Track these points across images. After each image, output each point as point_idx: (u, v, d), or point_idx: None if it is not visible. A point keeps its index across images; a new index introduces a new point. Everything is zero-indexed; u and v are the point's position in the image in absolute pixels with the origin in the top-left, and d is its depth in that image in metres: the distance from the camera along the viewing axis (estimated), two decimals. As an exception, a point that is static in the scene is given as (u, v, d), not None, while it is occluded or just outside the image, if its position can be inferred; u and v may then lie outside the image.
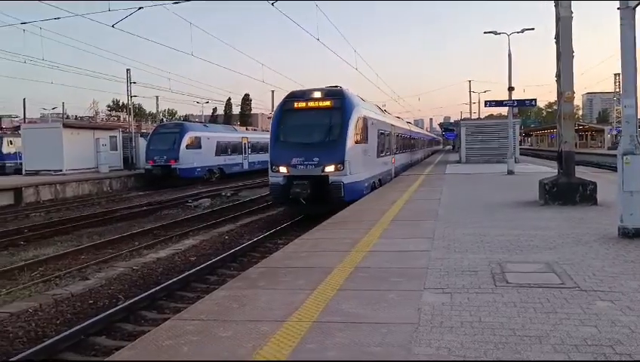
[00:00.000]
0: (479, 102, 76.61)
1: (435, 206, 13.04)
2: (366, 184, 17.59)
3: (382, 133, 21.47)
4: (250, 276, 6.75)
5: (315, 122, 16.80)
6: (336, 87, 17.71)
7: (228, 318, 5.05)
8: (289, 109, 17.12)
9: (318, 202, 15.63)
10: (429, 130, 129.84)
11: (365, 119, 17.68)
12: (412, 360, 3.87)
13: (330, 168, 15.73)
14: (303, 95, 17.22)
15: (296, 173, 15.86)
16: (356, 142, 16.61)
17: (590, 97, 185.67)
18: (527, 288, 5.69)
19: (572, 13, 12.90)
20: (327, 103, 16.80)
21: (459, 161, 35.91)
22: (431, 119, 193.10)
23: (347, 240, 8.69)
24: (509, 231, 9.25)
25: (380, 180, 20.42)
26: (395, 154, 25.91)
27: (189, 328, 4.79)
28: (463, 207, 12.73)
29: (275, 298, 5.68)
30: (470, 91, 70.65)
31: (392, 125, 25.28)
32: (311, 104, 16.90)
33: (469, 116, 68.46)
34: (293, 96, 17.43)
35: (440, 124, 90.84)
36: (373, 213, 12.00)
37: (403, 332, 4.48)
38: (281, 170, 16.12)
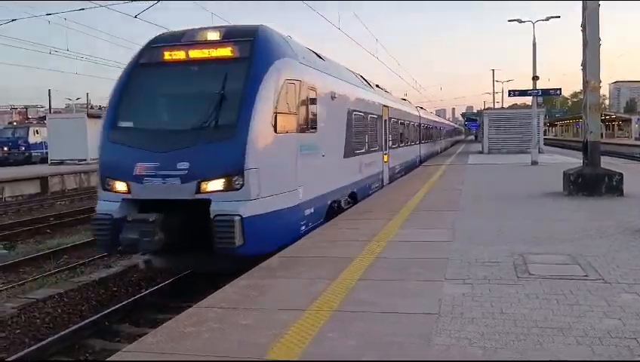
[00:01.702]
0: (503, 91, 75.55)
1: (457, 197, 12.93)
2: (309, 211, 9.36)
3: (361, 117, 13.65)
4: (270, 265, 6.79)
5: (194, 90, 8.77)
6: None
7: (248, 306, 5.09)
8: (150, 64, 8.89)
9: (193, 252, 8.12)
10: (451, 119, 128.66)
11: (308, 87, 9.41)
12: (421, 360, 3.84)
13: (213, 185, 7.69)
14: (181, 37, 8.99)
15: (144, 195, 7.91)
16: (282, 131, 8.40)
17: (618, 86, 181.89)
18: (549, 280, 5.62)
19: (599, 1, 12.64)
20: (226, 52, 8.56)
21: (481, 152, 35.53)
22: (453, 109, 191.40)
23: (367, 231, 8.66)
24: (532, 222, 9.13)
25: (352, 194, 12.62)
26: (392, 148, 18.34)
27: (211, 315, 4.85)
28: (485, 198, 12.60)
29: (295, 287, 5.70)
30: (494, 80, 69.42)
31: (383, 107, 16.98)
32: (194, 54, 8.69)
33: (492, 106, 67.62)
34: (162, 41, 9.12)
35: (462, 114, 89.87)
36: (393, 203, 11.95)
37: (423, 323, 4.46)
38: (116, 188, 8.12)
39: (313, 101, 9.59)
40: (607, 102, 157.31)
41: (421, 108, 35.67)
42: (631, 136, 73.22)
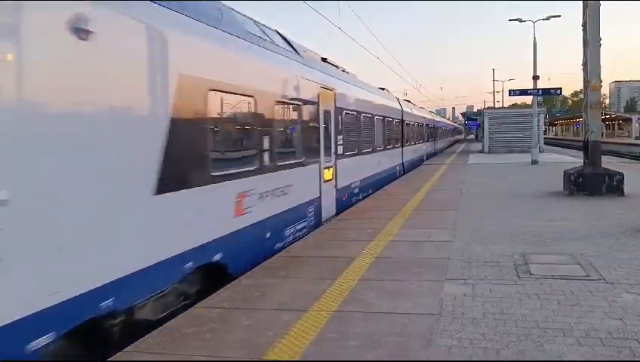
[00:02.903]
0: (503, 90, 75.71)
1: (457, 196, 12.93)
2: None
3: (245, 102, 7.08)
4: (272, 265, 6.78)
5: None
6: None
7: (250, 306, 5.09)
8: None
9: None
10: (451, 118, 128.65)
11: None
12: (421, 361, 3.84)
13: None
14: None
15: None
16: None
17: (618, 85, 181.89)
18: (550, 280, 5.61)
19: (600, 0, 12.64)
20: None
21: (482, 151, 35.60)
22: (453, 108, 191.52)
23: (369, 230, 8.66)
24: (532, 222, 9.13)
25: (211, 267, 6.06)
26: (345, 157, 12.23)
27: (212, 316, 4.84)
28: (485, 198, 12.59)
29: (296, 287, 5.70)
30: (494, 80, 69.52)
31: (325, 90, 10.79)
32: None
33: (492, 105, 67.66)
34: None
35: (463, 113, 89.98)
36: (394, 202, 11.94)
37: (424, 323, 4.46)
38: None
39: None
40: (607, 101, 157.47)
41: (407, 101, 29.97)
42: (631, 135, 73.21)
